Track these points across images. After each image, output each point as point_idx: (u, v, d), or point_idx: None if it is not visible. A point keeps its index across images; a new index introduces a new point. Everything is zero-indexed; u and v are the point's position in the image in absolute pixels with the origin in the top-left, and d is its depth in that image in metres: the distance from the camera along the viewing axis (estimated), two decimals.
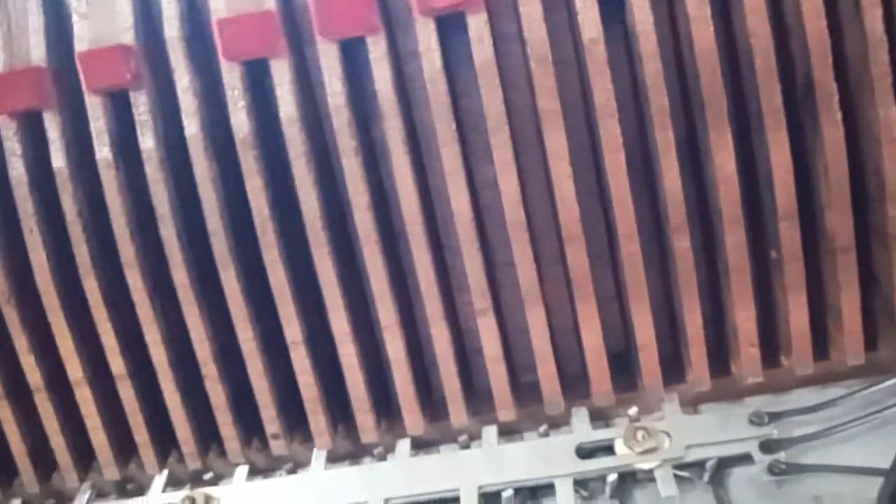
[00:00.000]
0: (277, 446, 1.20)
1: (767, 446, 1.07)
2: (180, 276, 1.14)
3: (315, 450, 1.21)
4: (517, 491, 1.10)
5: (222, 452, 1.24)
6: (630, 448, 1.10)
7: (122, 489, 1.29)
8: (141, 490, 1.26)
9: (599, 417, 1.18)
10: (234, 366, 1.19)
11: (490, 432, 1.18)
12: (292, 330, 1.15)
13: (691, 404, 1.19)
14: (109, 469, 1.24)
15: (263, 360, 1.17)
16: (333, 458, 1.23)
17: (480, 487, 1.10)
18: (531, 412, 1.19)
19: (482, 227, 1.16)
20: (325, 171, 1.16)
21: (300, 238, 1.13)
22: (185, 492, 1.19)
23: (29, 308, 1.19)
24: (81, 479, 1.26)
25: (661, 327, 1.14)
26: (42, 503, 1.28)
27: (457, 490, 1.11)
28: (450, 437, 1.21)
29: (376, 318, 1.15)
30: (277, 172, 1.13)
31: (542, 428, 1.17)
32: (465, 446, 1.19)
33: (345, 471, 1.20)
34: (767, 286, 1.13)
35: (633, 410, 1.14)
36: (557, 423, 1.19)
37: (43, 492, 1.27)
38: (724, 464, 1.09)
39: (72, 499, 1.27)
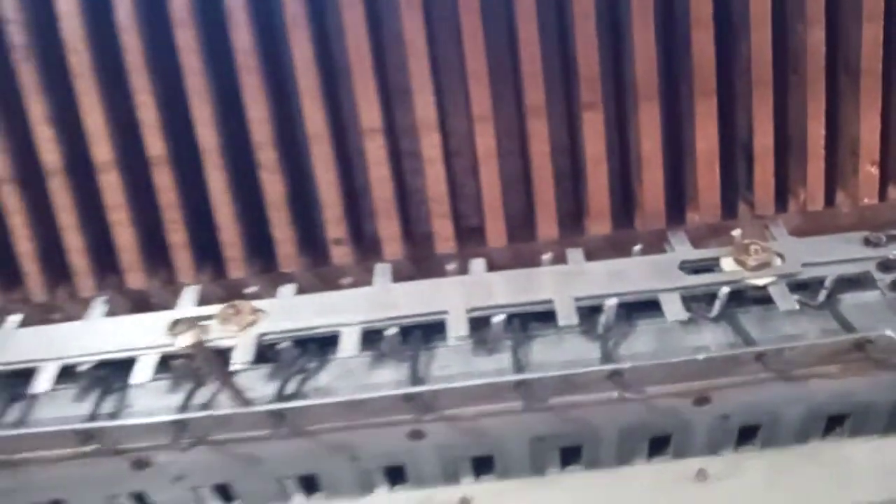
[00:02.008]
0: (340, 254, 1.05)
1: (886, 266, 1.01)
2: (242, 39, 0.97)
3: (378, 264, 1.08)
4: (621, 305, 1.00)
5: (267, 266, 1.09)
6: (741, 265, 1.02)
7: (143, 303, 1.12)
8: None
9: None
10: (295, 156, 1.03)
11: (576, 253, 1.07)
12: (371, 117, 1.00)
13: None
14: (134, 275, 1.07)
15: (332, 149, 1.01)
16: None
17: (579, 299, 1.01)
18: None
19: None
20: None
21: None
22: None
23: (51, 66, 1.00)
24: (99, 288, 1.09)
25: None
26: (47, 315, 1.11)
27: (551, 302, 1.01)
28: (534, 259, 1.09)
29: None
30: None
31: (637, 248, 1.08)
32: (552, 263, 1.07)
33: (413, 285, 1.07)
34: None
35: (736, 232, 1.05)
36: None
37: (50, 300, 1.09)
38: (841, 285, 1.01)
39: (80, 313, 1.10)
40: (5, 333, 1.09)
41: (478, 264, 1.09)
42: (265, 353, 1.01)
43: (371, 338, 1.01)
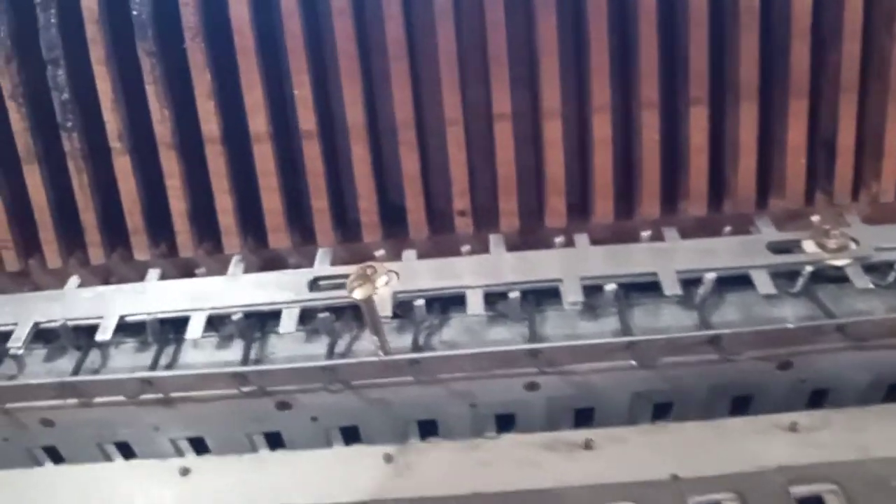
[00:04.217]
0: (463, 224, 1.18)
1: None
2: (394, 29, 1.08)
3: (493, 236, 1.20)
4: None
5: (390, 232, 1.21)
6: (821, 247, 1.15)
7: (278, 262, 1.24)
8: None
9: None
10: (428, 136, 1.15)
11: (672, 232, 1.19)
12: (501, 104, 1.12)
13: None
14: (278, 236, 1.19)
15: (463, 132, 1.13)
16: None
17: (679, 272, 1.13)
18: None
19: None
20: None
21: None
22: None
23: (216, 45, 1.10)
24: (242, 247, 1.20)
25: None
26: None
27: (655, 274, 1.14)
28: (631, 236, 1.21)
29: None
30: None
31: (727, 229, 1.20)
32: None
33: (528, 255, 1.19)
34: None
35: (815, 218, 1.18)
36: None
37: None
38: None
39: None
40: (151, 285, 1.23)
41: (582, 238, 1.22)
42: (398, 309, 1.14)
43: (489, 300, 1.15)
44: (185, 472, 0.99)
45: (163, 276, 1.24)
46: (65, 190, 1.20)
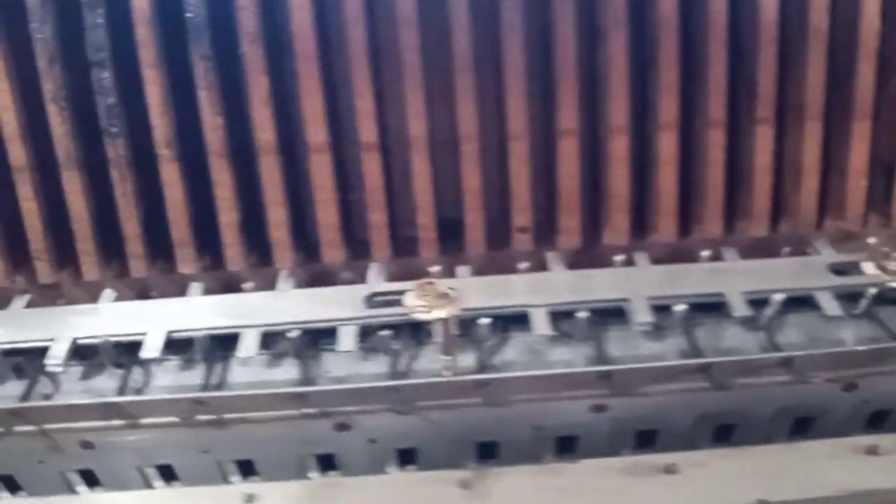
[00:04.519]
0: (522, 241, 1.15)
1: None
2: (461, 42, 1.06)
3: (551, 253, 1.18)
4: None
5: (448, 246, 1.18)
6: (882, 269, 1.15)
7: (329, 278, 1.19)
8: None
9: None
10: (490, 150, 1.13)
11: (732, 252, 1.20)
12: (567, 119, 1.10)
13: None
14: (332, 251, 1.15)
15: (529, 147, 1.11)
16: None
17: (746, 293, 1.12)
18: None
19: None
20: None
21: None
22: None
23: (273, 51, 1.06)
24: (292, 261, 1.16)
25: None
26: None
27: (721, 295, 1.12)
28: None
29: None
30: None
31: (786, 250, 1.20)
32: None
33: (592, 272, 1.16)
34: None
35: (872, 239, 1.18)
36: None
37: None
38: None
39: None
40: (195, 300, 1.17)
41: (643, 257, 1.21)
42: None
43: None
44: (249, 499, 0.95)
45: (207, 291, 1.20)
46: (105, 199, 1.15)
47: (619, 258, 1.18)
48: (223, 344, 1.12)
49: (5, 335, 1.11)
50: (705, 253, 1.19)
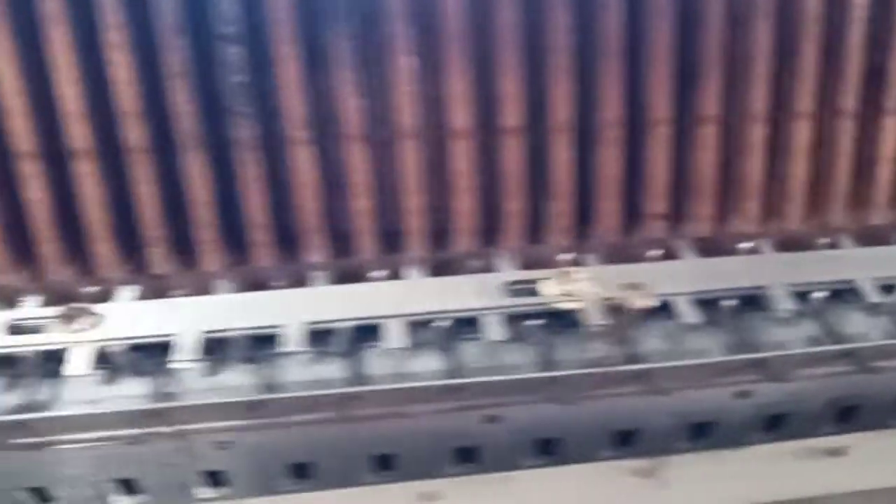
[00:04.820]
0: (657, 228, 1.15)
1: None
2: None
3: (680, 240, 1.17)
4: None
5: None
6: None
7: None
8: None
9: None
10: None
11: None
12: (707, 105, 1.10)
13: None
14: (466, 239, 1.11)
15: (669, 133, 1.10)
16: None
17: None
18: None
19: None
20: None
21: None
22: None
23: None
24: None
25: None
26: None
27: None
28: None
29: None
30: None
31: (825, 240, 1.21)
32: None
33: (724, 260, 1.16)
34: None
35: None
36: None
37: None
38: None
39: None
40: (324, 289, 1.12)
41: (767, 245, 1.20)
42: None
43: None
44: (428, 497, 0.91)
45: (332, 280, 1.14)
46: (225, 183, 1.08)
47: (744, 245, 1.19)
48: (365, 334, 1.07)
49: (129, 330, 1.04)
50: (824, 240, 1.21)
